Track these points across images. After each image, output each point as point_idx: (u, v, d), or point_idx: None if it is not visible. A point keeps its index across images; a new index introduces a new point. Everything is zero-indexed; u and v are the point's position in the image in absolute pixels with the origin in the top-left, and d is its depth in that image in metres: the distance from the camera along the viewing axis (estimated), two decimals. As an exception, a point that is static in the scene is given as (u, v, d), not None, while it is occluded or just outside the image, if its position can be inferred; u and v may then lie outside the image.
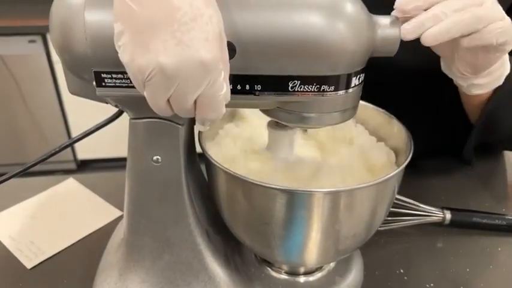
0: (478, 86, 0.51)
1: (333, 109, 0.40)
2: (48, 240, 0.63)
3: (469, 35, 0.42)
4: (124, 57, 0.33)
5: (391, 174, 0.41)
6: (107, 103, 0.42)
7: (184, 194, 0.45)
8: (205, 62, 0.31)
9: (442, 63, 0.51)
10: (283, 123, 0.43)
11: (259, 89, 0.38)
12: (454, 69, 0.49)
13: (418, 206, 0.63)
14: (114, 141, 1.67)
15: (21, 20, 2.14)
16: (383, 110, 0.52)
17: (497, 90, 0.56)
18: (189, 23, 0.31)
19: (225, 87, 0.33)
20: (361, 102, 0.44)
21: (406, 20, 0.40)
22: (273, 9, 0.35)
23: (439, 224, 0.63)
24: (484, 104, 0.59)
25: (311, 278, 0.53)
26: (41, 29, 2.05)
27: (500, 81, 0.53)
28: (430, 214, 0.63)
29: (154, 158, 0.43)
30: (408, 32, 0.40)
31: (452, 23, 0.40)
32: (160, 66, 0.31)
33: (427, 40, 0.40)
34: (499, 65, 0.51)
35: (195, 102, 0.34)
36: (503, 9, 0.44)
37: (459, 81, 0.52)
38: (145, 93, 0.34)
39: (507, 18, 0.44)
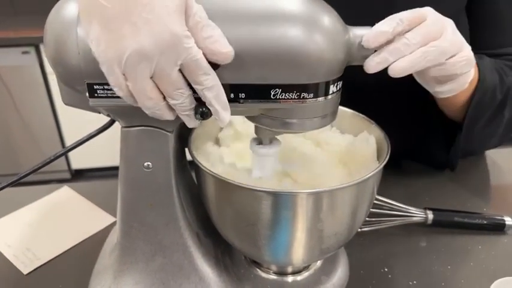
0: (442, 92, 0.53)
1: (313, 115, 0.42)
2: (43, 246, 0.64)
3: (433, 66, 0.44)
4: (98, 49, 0.34)
5: (370, 174, 0.43)
6: (99, 113, 0.44)
7: (174, 199, 0.48)
8: (175, 33, 0.33)
9: None
10: (267, 128, 0.45)
11: (243, 97, 0.40)
12: (418, 79, 0.52)
13: (401, 207, 0.65)
14: (107, 150, 1.68)
15: (15, 31, 2.16)
16: (362, 115, 0.55)
17: (472, 102, 0.59)
18: (150, 3, 0.33)
19: (200, 53, 0.35)
20: (340, 107, 0.46)
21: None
22: (254, 23, 0.38)
23: (422, 224, 0.66)
24: (461, 108, 0.63)
25: (298, 278, 0.55)
26: (34, 40, 2.07)
27: (464, 86, 0.53)
28: (413, 215, 0.65)
29: (145, 164, 0.45)
30: (371, 67, 0.42)
31: (418, 58, 0.42)
32: (138, 45, 0.33)
33: (394, 73, 0.42)
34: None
35: (182, 75, 0.36)
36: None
37: (425, 87, 0.54)
38: (129, 84, 0.35)
39: (467, 46, 0.46)
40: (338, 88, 0.42)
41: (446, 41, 0.43)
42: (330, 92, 0.41)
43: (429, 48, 0.42)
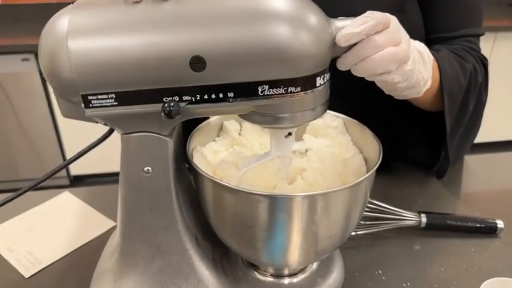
0: (398, 96, 0.54)
1: (303, 108, 0.43)
2: (45, 250, 0.66)
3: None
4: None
5: (363, 177, 0.45)
6: (97, 123, 0.45)
7: (173, 203, 0.49)
8: None
9: None
10: (259, 125, 0.46)
11: (231, 96, 0.41)
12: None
13: (395, 210, 0.67)
14: (106, 157, 1.69)
15: (14, 38, 2.17)
16: (355, 121, 0.56)
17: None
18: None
19: None
20: (333, 113, 0.47)
21: None
22: (239, 22, 0.39)
23: (416, 227, 0.67)
24: (429, 104, 0.65)
25: (294, 280, 0.56)
26: (34, 47, 2.04)
27: (420, 94, 0.55)
28: (406, 218, 0.67)
29: (145, 169, 0.46)
30: (341, 66, 0.45)
31: (375, 63, 0.44)
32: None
33: (356, 74, 0.46)
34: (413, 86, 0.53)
35: None
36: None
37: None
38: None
39: (411, 58, 0.48)
40: (325, 80, 0.43)
41: (402, 50, 0.45)
42: (317, 84, 0.42)
43: (386, 52, 0.44)
